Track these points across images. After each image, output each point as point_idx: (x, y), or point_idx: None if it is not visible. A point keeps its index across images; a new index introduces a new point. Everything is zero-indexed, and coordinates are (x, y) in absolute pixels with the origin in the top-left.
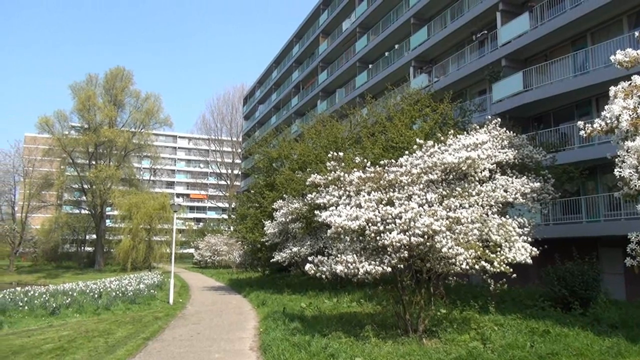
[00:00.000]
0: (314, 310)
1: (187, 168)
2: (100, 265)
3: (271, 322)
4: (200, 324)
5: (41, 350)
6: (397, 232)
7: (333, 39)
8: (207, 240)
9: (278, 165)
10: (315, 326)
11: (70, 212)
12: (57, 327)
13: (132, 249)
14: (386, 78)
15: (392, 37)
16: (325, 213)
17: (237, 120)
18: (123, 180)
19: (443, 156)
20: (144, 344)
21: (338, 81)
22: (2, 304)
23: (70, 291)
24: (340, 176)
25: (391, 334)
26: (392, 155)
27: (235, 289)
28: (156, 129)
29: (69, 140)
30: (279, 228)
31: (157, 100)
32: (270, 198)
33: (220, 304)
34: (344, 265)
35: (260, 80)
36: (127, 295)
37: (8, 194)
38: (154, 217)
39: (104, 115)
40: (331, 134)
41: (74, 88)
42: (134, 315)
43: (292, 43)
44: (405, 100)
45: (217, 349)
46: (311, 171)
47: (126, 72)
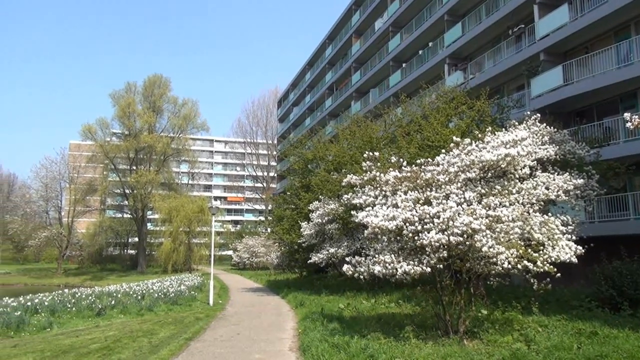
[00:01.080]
0: (352, 311)
1: (224, 171)
2: (143, 267)
3: (310, 322)
4: (240, 324)
5: (89, 349)
6: (435, 231)
7: (366, 39)
8: (245, 242)
9: (313, 166)
10: (353, 327)
11: (113, 216)
12: (103, 328)
13: (172, 252)
14: (420, 76)
15: (426, 35)
16: (362, 213)
17: (272, 123)
18: (162, 184)
19: (481, 154)
20: (186, 344)
21: (371, 81)
22: (52, 305)
23: (115, 293)
24: (376, 176)
25: (431, 335)
26: (428, 154)
27: (274, 290)
28: (193, 134)
29: (111, 147)
30: (316, 229)
31: (194, 105)
32: (306, 199)
33: (259, 305)
34: (381, 265)
35: (294, 83)
36: (169, 296)
37: (55, 199)
38: (193, 220)
39: (144, 121)
40: (366, 134)
41: (114, 96)
42: (176, 316)
43: (325, 45)
44: (441, 99)
45: (257, 349)
46: (346, 172)
47: (164, 79)
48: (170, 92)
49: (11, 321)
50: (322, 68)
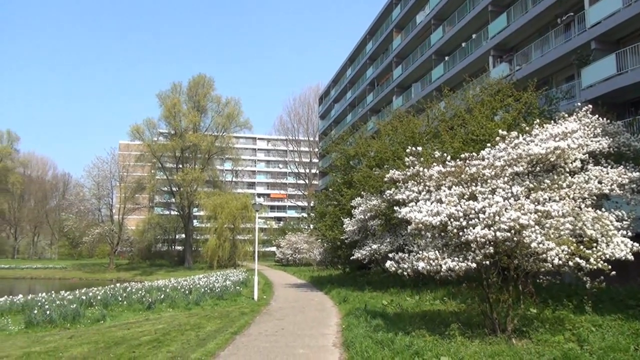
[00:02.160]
0: (395, 308)
1: (266, 169)
2: (190, 263)
3: (353, 319)
4: (284, 320)
5: (140, 341)
6: (481, 227)
7: (407, 33)
8: (288, 238)
9: (355, 162)
10: (397, 324)
11: (161, 213)
12: (153, 321)
13: (218, 248)
14: (464, 69)
15: (469, 27)
16: (405, 209)
17: (313, 120)
18: (207, 182)
19: (529, 147)
20: (232, 338)
21: (413, 75)
22: (105, 299)
23: (164, 287)
24: (419, 171)
25: (478, 333)
26: (472, 148)
27: (317, 286)
28: (236, 132)
29: (158, 146)
30: (358, 225)
31: (237, 104)
32: (348, 196)
33: (303, 300)
34: (425, 262)
35: (335, 79)
36: (215, 291)
37: (107, 197)
38: (237, 216)
39: (188, 121)
40: (408, 129)
41: (161, 96)
42: (222, 311)
43: (366, 40)
44: (485, 91)
45: (301, 344)
46: (389, 167)
47: (207, 78)
48: (213, 91)
49: (67, 313)
50: (363, 64)
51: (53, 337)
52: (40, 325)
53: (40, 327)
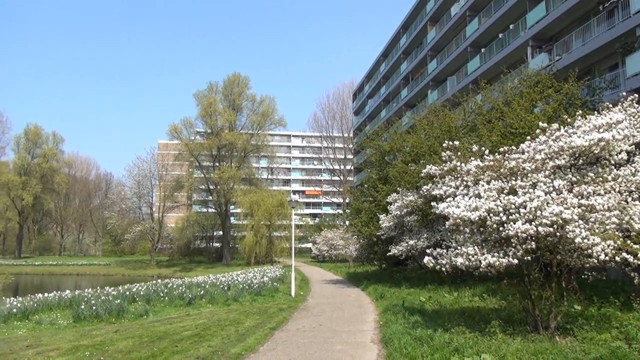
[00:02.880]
0: (433, 304)
1: (301, 166)
2: (227, 259)
3: (391, 315)
4: (322, 316)
5: (181, 336)
6: (522, 222)
7: (441, 25)
8: (324, 235)
9: (390, 158)
10: (436, 320)
11: (199, 211)
12: (194, 316)
13: (255, 244)
14: (501, 61)
15: (506, 17)
16: (443, 204)
17: (347, 116)
18: (244, 179)
19: (571, 139)
20: (271, 333)
21: (448, 69)
22: (147, 295)
23: (203, 284)
24: (456, 166)
25: (519, 330)
26: (511, 141)
27: (353, 282)
28: (271, 130)
29: (195, 145)
30: (394, 221)
31: (272, 102)
32: (384, 192)
33: (340, 296)
34: (464, 257)
35: (369, 75)
36: (253, 287)
37: (147, 196)
38: (273, 213)
39: (224, 119)
40: (444, 123)
41: (198, 96)
42: (260, 307)
43: (399, 34)
44: (524, 83)
45: (339, 340)
46: (425, 163)
47: (242, 77)
48: (248, 90)
49: (112, 309)
50: (397, 58)
51: (99, 331)
52: (87, 320)
53: (87, 322)
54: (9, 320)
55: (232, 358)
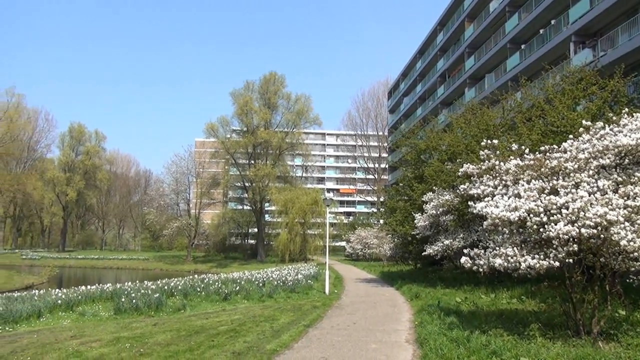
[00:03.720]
0: (470, 305)
1: (335, 164)
2: (262, 256)
3: (426, 315)
4: (356, 314)
5: (218, 331)
6: (563, 223)
7: (480, 22)
8: (358, 233)
9: (426, 157)
10: (472, 322)
11: (235, 208)
12: (229, 312)
13: (289, 242)
14: (542, 58)
15: (548, 12)
16: (480, 204)
17: (382, 115)
18: (278, 177)
19: (616, 138)
20: (305, 330)
21: (487, 66)
22: (184, 289)
23: (238, 280)
24: (495, 165)
25: (560, 334)
26: (552, 140)
27: (387, 281)
28: (306, 128)
29: (231, 143)
30: (430, 221)
31: (307, 100)
32: (419, 190)
33: (374, 295)
34: (503, 258)
35: (404, 73)
36: (287, 284)
37: (184, 192)
38: (308, 211)
39: (260, 118)
40: (482, 121)
41: (234, 94)
42: (294, 304)
43: (436, 31)
44: (567, 80)
45: (374, 339)
46: (462, 161)
47: (278, 76)
48: (284, 88)
49: (151, 302)
50: (434, 55)
51: (139, 324)
52: (127, 313)
53: (127, 314)
54: (54, 311)
55: (267, 354)
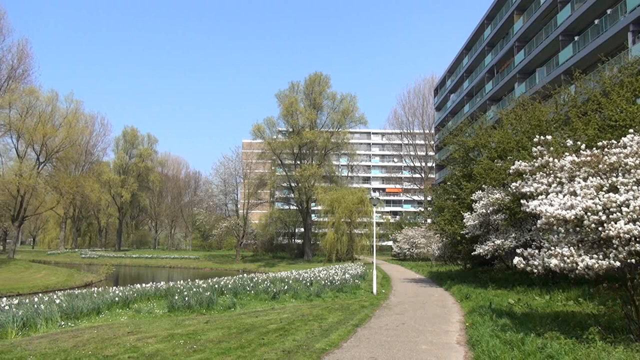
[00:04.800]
0: (523, 307)
1: (381, 163)
2: (309, 256)
3: (477, 317)
4: (404, 314)
5: (267, 329)
6: (624, 222)
7: (529, 14)
8: (405, 232)
9: (475, 154)
10: (526, 324)
11: (281, 208)
12: (278, 310)
13: (336, 241)
14: (597, 49)
15: (603, 2)
16: (534, 202)
17: (428, 112)
18: (324, 177)
19: None
20: (354, 330)
21: (537, 60)
22: (234, 288)
23: (286, 279)
24: (548, 162)
25: (621, 338)
26: (610, 135)
27: (436, 281)
28: (352, 128)
29: (277, 144)
30: (480, 220)
31: (352, 100)
32: (468, 189)
33: (422, 296)
34: (559, 259)
35: (451, 69)
36: (335, 284)
37: (232, 193)
38: (354, 211)
39: (305, 118)
40: (533, 117)
41: (279, 96)
42: (342, 303)
43: (483, 26)
44: (625, 71)
45: (424, 340)
46: (512, 159)
47: (323, 76)
48: (329, 88)
49: (203, 300)
50: (481, 51)
51: (191, 322)
52: (180, 310)
53: (180, 312)
54: (112, 308)
55: (317, 353)
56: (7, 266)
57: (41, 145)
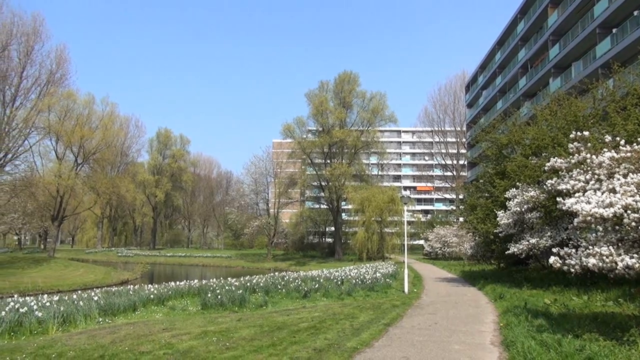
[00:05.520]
0: (560, 308)
1: (412, 161)
2: (339, 255)
3: (512, 317)
4: (437, 314)
5: (299, 327)
6: None
7: (564, 7)
8: (436, 231)
9: (508, 151)
10: (563, 325)
11: (312, 207)
12: (309, 309)
13: (366, 240)
14: (637, 41)
15: None
16: (570, 200)
17: (459, 109)
18: (354, 176)
19: None
20: (385, 329)
21: (573, 54)
22: (266, 286)
23: (317, 277)
24: (586, 158)
25: None
26: None
27: (469, 281)
28: (382, 126)
29: (307, 143)
30: (514, 218)
31: (382, 98)
32: (501, 187)
33: (455, 295)
34: (597, 258)
35: (483, 65)
36: (366, 283)
37: (263, 192)
38: (384, 209)
39: (335, 117)
40: (569, 112)
41: (309, 95)
42: (373, 302)
43: (516, 20)
44: None
45: (456, 340)
46: (548, 155)
47: (353, 75)
48: (358, 87)
49: (235, 298)
50: (514, 46)
51: (224, 319)
52: (213, 308)
53: (213, 309)
54: (148, 305)
55: (348, 352)
56: (48, 264)
57: (79, 147)
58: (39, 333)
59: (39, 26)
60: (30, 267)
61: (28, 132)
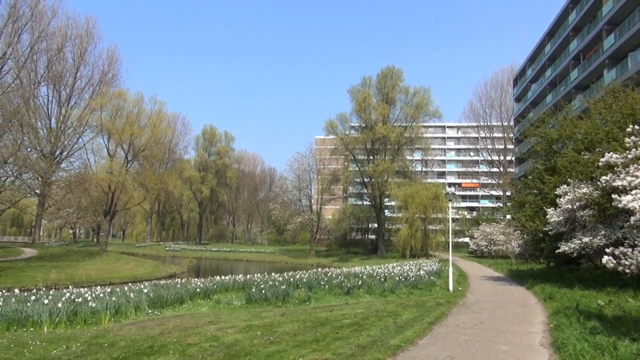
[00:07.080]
0: (615, 310)
1: (457, 157)
2: (382, 252)
3: (562, 318)
4: (482, 313)
5: (341, 324)
6: None
7: None
8: (482, 229)
9: (559, 147)
10: (618, 327)
11: (355, 203)
12: (352, 305)
13: (409, 237)
14: None
15: None
16: (627, 197)
17: (507, 104)
18: (397, 172)
19: None
20: (429, 328)
21: (630, 43)
22: (309, 282)
23: (360, 274)
24: None
25: None
26: None
27: (516, 280)
28: (426, 122)
29: (350, 140)
30: (564, 216)
31: (426, 93)
32: (551, 183)
33: (502, 294)
34: None
35: (532, 58)
36: (409, 280)
37: (306, 189)
38: (428, 206)
39: (378, 113)
40: (626, 105)
41: (352, 91)
42: (417, 300)
43: (568, 10)
44: None
45: (503, 340)
46: (602, 151)
47: (396, 70)
48: (402, 82)
49: (279, 293)
50: (565, 36)
51: (268, 314)
52: (257, 302)
53: (257, 304)
54: (194, 298)
55: (392, 349)
56: (100, 257)
57: (129, 145)
58: (92, 323)
59: (91, 28)
60: (84, 260)
61: (82, 131)
